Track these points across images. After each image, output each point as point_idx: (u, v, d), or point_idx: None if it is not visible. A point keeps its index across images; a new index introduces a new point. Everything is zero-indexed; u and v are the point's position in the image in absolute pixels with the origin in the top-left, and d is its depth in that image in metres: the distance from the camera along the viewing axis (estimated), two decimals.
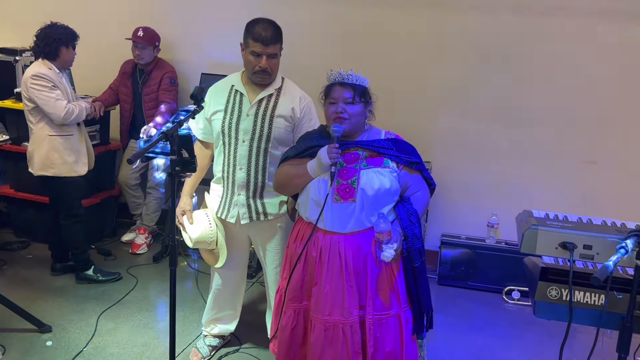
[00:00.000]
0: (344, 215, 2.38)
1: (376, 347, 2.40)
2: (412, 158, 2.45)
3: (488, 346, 3.43)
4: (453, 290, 4.11)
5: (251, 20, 2.68)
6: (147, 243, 4.47)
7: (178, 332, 2.50)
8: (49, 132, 3.63)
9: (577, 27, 3.81)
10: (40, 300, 3.66)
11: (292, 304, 2.52)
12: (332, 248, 2.40)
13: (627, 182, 3.88)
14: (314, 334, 2.43)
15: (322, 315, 2.41)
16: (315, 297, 2.44)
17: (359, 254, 2.39)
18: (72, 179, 3.71)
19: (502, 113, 4.05)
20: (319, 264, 2.43)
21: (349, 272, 2.38)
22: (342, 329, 2.39)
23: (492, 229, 4.08)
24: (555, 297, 2.16)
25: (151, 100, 4.29)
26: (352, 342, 2.38)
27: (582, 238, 2.02)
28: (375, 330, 2.40)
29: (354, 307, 2.39)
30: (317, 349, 2.42)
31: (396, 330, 2.43)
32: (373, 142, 2.44)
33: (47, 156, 3.64)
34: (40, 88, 3.52)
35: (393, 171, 2.41)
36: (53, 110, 3.55)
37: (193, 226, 2.86)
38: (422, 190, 2.50)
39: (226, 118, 2.75)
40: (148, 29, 4.21)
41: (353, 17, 4.17)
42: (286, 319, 2.52)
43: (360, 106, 2.41)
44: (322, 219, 2.40)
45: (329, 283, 2.40)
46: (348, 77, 2.41)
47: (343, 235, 2.39)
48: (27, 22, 4.32)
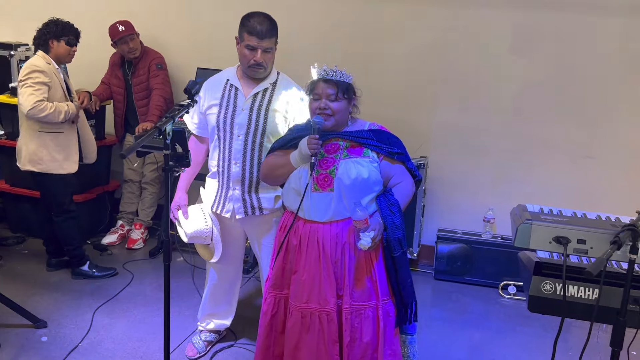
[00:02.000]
0: (322, 204, 2.41)
1: (353, 337, 2.42)
2: (393, 149, 2.45)
3: (484, 340, 3.44)
4: (449, 285, 4.11)
5: (246, 14, 2.67)
6: (143, 238, 4.46)
7: (174, 328, 2.50)
8: (39, 128, 3.60)
9: (575, 22, 3.80)
10: (36, 295, 3.66)
11: (274, 291, 2.56)
12: (311, 236, 2.44)
13: (622, 177, 3.88)
14: (291, 321, 2.47)
15: (300, 303, 2.44)
16: (294, 284, 2.48)
17: (337, 243, 2.41)
18: (60, 176, 3.69)
19: (499, 108, 4.04)
20: (299, 252, 2.47)
21: (327, 260, 2.41)
22: (319, 316, 2.42)
23: (488, 223, 4.09)
24: (549, 291, 2.15)
25: (141, 90, 4.27)
26: (328, 331, 2.41)
27: (576, 232, 2.01)
28: (352, 319, 2.42)
29: (331, 295, 2.41)
30: (294, 336, 2.46)
31: (374, 322, 2.44)
32: (353, 133, 2.47)
33: (36, 152, 3.62)
34: (24, 78, 3.49)
35: (373, 161, 2.43)
36: (22, 102, 3.48)
37: (188, 221, 2.86)
38: (404, 181, 2.49)
39: (221, 112, 2.74)
40: (123, 21, 4.15)
41: (350, 12, 4.16)
42: (267, 305, 2.57)
43: (344, 102, 2.43)
44: (302, 208, 2.43)
45: (307, 271, 2.43)
46: (332, 73, 2.42)
47: (322, 224, 2.42)
48: (22, 17, 4.32)
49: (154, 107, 4.14)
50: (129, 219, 4.56)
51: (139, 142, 2.23)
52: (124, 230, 4.53)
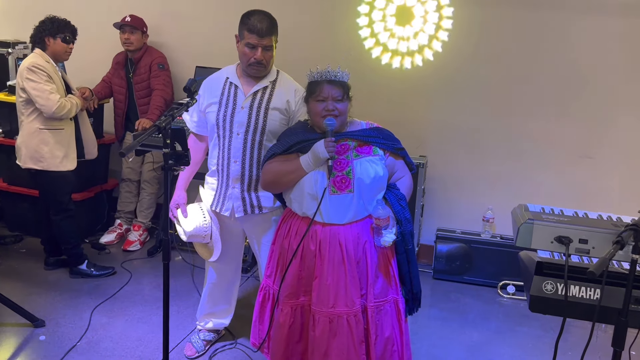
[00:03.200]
0: (342, 206, 2.40)
1: (377, 334, 2.44)
2: (396, 144, 2.52)
3: (483, 340, 3.43)
4: (448, 284, 4.11)
5: (246, 12, 2.66)
6: (140, 240, 4.40)
7: (172, 327, 2.49)
8: (39, 126, 3.60)
9: (575, 21, 3.80)
10: (34, 294, 3.64)
11: (289, 300, 2.49)
12: (331, 240, 2.41)
13: (623, 177, 3.88)
14: (319, 328, 2.42)
15: (326, 308, 2.41)
16: (316, 290, 2.43)
17: (358, 243, 2.42)
18: (60, 173, 3.68)
19: (498, 107, 4.04)
20: (319, 257, 2.43)
21: (351, 262, 2.40)
22: (347, 319, 2.40)
23: (487, 223, 4.08)
24: (550, 291, 2.15)
25: (142, 89, 4.25)
26: (356, 332, 2.41)
27: (577, 232, 2.01)
28: (375, 317, 2.44)
29: (356, 296, 2.41)
30: (323, 342, 2.41)
31: (393, 315, 2.47)
32: (361, 132, 2.49)
33: (37, 149, 3.61)
34: (36, 79, 3.49)
35: (382, 158, 2.46)
36: (45, 103, 3.51)
37: (187, 220, 2.84)
38: (406, 175, 2.58)
39: (221, 110, 2.72)
40: (135, 15, 4.17)
41: (349, 11, 4.15)
42: (283, 316, 2.49)
43: (347, 103, 2.46)
44: (320, 212, 2.40)
45: (330, 275, 2.41)
46: (335, 74, 2.43)
47: (342, 225, 2.41)
48: (20, 15, 4.30)
49: (154, 107, 4.13)
50: (127, 218, 4.55)
51: (139, 140, 2.22)
52: (122, 229, 4.51)
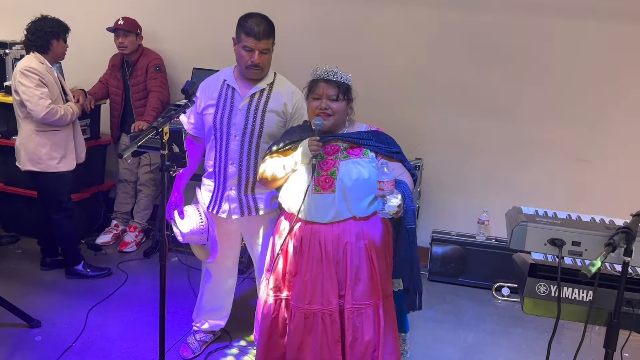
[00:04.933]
0: (324, 205, 2.42)
1: (355, 337, 2.44)
2: (391, 148, 2.50)
3: (477, 342, 3.45)
4: (443, 286, 4.12)
5: (244, 15, 2.68)
6: (136, 242, 4.41)
7: (168, 328, 2.50)
8: (35, 128, 3.60)
9: (569, 25, 3.82)
10: (30, 295, 3.64)
11: (274, 293, 2.56)
12: (312, 238, 2.44)
13: (616, 180, 3.91)
14: (294, 323, 2.47)
15: (302, 304, 2.45)
16: (295, 286, 2.48)
17: (338, 243, 2.43)
18: (60, 173, 3.68)
19: (493, 110, 4.06)
20: (300, 253, 2.47)
21: (329, 261, 2.42)
22: (322, 317, 2.43)
23: (482, 225, 4.10)
24: (543, 293, 2.17)
25: (139, 91, 4.26)
26: (331, 331, 2.43)
27: (570, 234, 2.02)
28: (354, 319, 2.44)
29: (333, 296, 2.43)
30: (297, 337, 2.46)
31: (374, 320, 2.46)
32: (353, 134, 2.50)
33: (34, 151, 3.61)
34: (27, 83, 3.48)
35: (372, 161, 2.46)
36: (34, 108, 3.49)
37: (184, 221, 2.85)
38: (404, 174, 2.51)
39: (218, 113, 2.74)
40: (128, 18, 4.17)
41: (346, 14, 4.17)
42: (267, 308, 2.57)
43: (344, 103, 2.47)
44: (302, 209, 2.43)
45: (309, 272, 2.44)
46: (333, 73, 2.45)
47: (323, 225, 2.44)
48: (17, 15, 4.29)
49: (150, 109, 4.13)
50: (123, 218, 4.55)
51: (136, 141, 2.23)
52: (118, 230, 4.52)
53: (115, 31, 4.16)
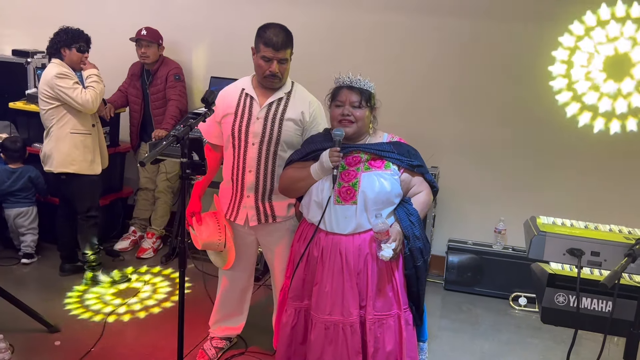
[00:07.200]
0: (345, 216, 2.43)
1: (376, 347, 2.44)
2: (413, 161, 2.49)
3: (494, 352, 3.43)
4: (459, 295, 4.11)
5: (262, 25, 2.71)
6: (153, 248, 4.45)
7: (185, 334, 2.52)
8: (70, 130, 3.68)
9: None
10: (49, 300, 3.69)
11: (293, 302, 2.57)
12: (333, 248, 2.45)
13: (636, 190, 3.87)
14: (315, 333, 2.47)
15: (323, 315, 2.45)
16: (315, 296, 2.49)
17: (359, 255, 2.43)
18: (90, 177, 3.76)
19: (510, 118, 4.05)
20: (320, 263, 2.48)
21: (350, 272, 2.43)
22: (342, 328, 2.43)
23: (499, 234, 4.08)
24: (562, 303, 2.16)
25: (158, 100, 4.31)
26: (352, 342, 2.43)
27: (589, 244, 2.02)
28: (375, 330, 2.44)
29: (354, 307, 2.43)
30: (318, 347, 2.47)
31: (396, 331, 2.47)
32: (374, 145, 2.49)
33: (69, 153, 3.68)
34: (65, 84, 3.58)
35: (394, 174, 2.46)
36: (82, 101, 3.60)
37: (202, 228, 2.88)
38: (423, 192, 2.54)
39: (236, 121, 2.77)
40: (150, 28, 4.23)
41: (361, 22, 4.19)
42: (287, 317, 2.58)
43: (366, 110, 2.47)
44: (323, 220, 2.44)
45: (329, 283, 2.45)
46: (356, 81, 2.46)
47: (344, 236, 2.44)
48: (39, 25, 4.38)
49: (169, 117, 4.19)
50: (141, 225, 4.60)
51: (158, 150, 2.26)
52: (136, 236, 4.56)
53: (137, 41, 4.22)
